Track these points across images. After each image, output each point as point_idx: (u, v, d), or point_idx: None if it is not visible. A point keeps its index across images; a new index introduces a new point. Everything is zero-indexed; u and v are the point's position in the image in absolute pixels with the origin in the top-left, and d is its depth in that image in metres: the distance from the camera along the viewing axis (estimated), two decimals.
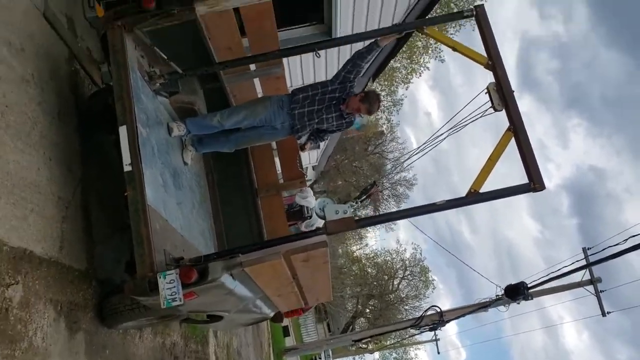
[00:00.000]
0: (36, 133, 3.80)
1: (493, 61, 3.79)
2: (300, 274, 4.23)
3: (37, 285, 3.49)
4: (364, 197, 3.76)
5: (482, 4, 3.86)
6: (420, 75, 26.26)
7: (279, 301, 5.04)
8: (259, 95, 5.49)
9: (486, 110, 3.74)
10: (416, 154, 4.31)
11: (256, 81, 5.35)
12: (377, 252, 40.28)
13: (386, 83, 25.16)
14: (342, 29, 5.90)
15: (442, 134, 4.26)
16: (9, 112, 3.47)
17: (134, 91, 3.89)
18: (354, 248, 41.19)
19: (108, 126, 4.59)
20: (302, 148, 5.60)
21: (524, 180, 3.50)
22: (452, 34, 23.20)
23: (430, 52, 25.10)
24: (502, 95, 3.70)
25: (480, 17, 3.91)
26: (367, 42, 4.35)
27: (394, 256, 38.23)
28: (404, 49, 24.40)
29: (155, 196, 3.87)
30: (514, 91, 3.68)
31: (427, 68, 25.97)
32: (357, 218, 3.55)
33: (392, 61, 23.85)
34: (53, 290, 3.69)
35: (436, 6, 6.17)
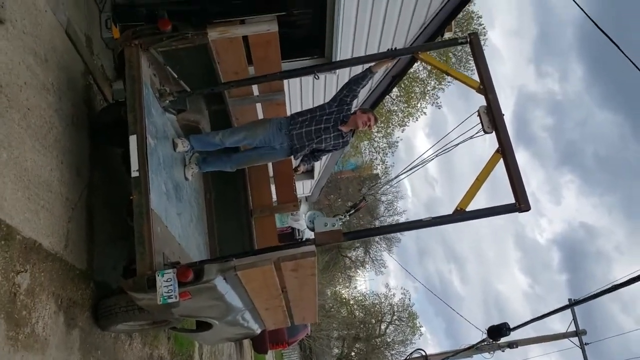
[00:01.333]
0: (51, 137, 4.08)
1: (484, 85, 3.96)
2: (288, 286, 4.45)
3: (42, 277, 3.71)
4: (353, 210, 4.02)
5: (476, 32, 4.16)
6: (417, 120, 26.80)
7: (266, 316, 5.23)
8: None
9: (476, 132, 3.90)
10: (405, 172, 4.46)
11: (258, 106, 5.66)
12: (366, 295, 40.08)
13: (382, 125, 25.64)
14: None
15: (431, 154, 4.36)
16: (30, 115, 3.76)
17: (145, 104, 4.20)
18: (343, 291, 40.99)
19: (116, 139, 4.89)
20: (296, 169, 5.84)
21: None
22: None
23: (427, 97, 25.68)
24: (492, 118, 3.85)
25: (474, 44, 4.12)
26: (365, 66, 4.66)
27: (382, 300, 38.07)
28: (401, 93, 25.06)
29: (158, 202, 4.14)
30: (503, 115, 3.82)
31: (424, 113, 26.53)
32: (345, 231, 3.79)
33: (389, 104, 24.50)
34: (55, 285, 3.91)
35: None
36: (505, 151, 3.73)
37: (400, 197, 37.22)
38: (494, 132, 3.83)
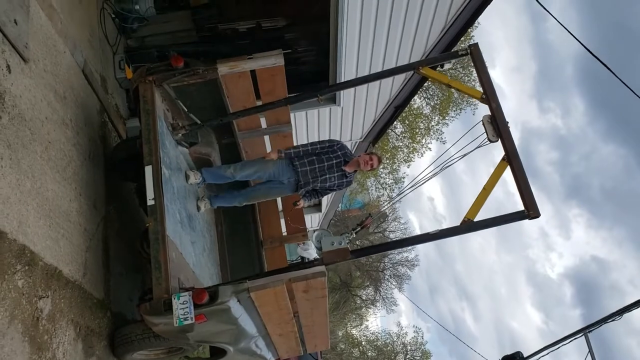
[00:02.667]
0: (70, 169, 4.27)
1: (487, 94, 3.95)
2: (300, 309, 4.54)
3: (62, 304, 3.83)
4: (359, 228, 4.13)
5: (477, 43, 4.13)
6: (422, 156, 27.03)
7: (279, 342, 5.30)
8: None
9: (483, 141, 3.83)
10: (410, 188, 4.49)
11: (266, 139, 5.85)
12: (378, 334, 39.54)
13: (388, 161, 25.87)
14: (345, 96, 6.54)
15: (434, 169, 4.33)
16: (51, 148, 3.95)
17: (159, 137, 4.39)
18: (354, 331, 40.45)
19: (130, 174, 5.08)
20: (295, 204, 5.96)
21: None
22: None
23: (431, 133, 25.97)
24: (496, 126, 3.81)
25: (474, 55, 4.18)
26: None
27: (394, 339, 37.52)
28: (405, 129, 25.38)
29: (173, 229, 4.28)
30: (508, 122, 3.78)
31: (429, 149, 26.77)
32: (351, 249, 3.90)
33: (394, 140, 24.74)
34: (74, 312, 4.02)
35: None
36: (511, 158, 3.68)
37: (410, 233, 37.06)
38: (499, 140, 3.79)
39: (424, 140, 26.26)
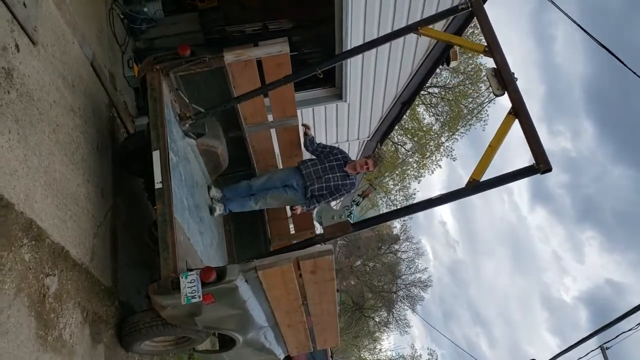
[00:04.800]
0: (78, 155, 4.29)
1: (490, 47, 3.78)
2: (308, 293, 4.49)
3: (69, 285, 3.82)
4: (361, 199, 4.10)
5: None
6: (432, 173, 26.98)
7: (289, 335, 5.23)
8: (275, 148, 6.05)
9: (488, 96, 3.75)
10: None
11: (273, 132, 5.87)
12: (392, 357, 38.99)
13: (398, 178, 25.85)
14: (351, 91, 6.56)
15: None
16: (59, 130, 3.99)
17: (167, 123, 4.41)
18: (368, 355, 39.93)
19: (138, 168, 5.10)
20: (293, 209, 6.26)
21: None
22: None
23: (441, 150, 25.96)
24: (501, 79, 3.63)
25: (476, 8, 4.01)
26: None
27: None
28: (415, 146, 25.37)
29: (181, 214, 4.28)
30: (513, 73, 3.61)
31: (439, 166, 26.74)
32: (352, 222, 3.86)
33: (403, 156, 24.70)
34: (82, 296, 4.00)
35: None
36: (518, 111, 3.46)
37: (421, 254, 36.81)
38: (505, 93, 3.61)
39: (433, 157, 26.28)
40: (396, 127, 25.23)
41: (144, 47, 6.68)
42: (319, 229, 4.57)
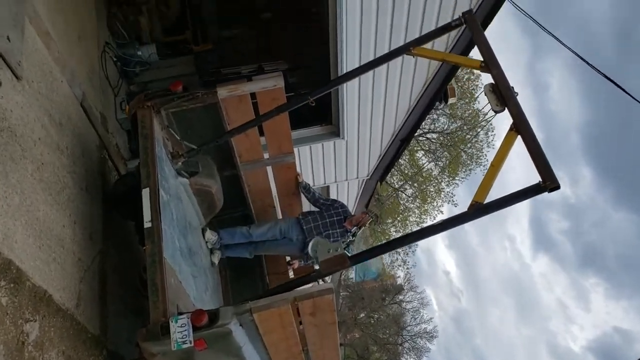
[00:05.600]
0: (65, 195, 4.10)
1: (487, 62, 3.60)
2: (309, 338, 4.21)
3: (52, 332, 3.55)
4: (359, 230, 3.87)
5: (471, 10, 3.91)
6: (434, 219, 26.74)
7: None
8: (272, 187, 5.89)
9: (486, 114, 3.52)
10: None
11: (269, 169, 5.70)
12: None
13: (399, 224, 25.61)
14: (349, 128, 6.44)
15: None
16: (43, 169, 3.80)
17: (158, 161, 4.24)
18: None
19: (129, 211, 4.91)
20: (289, 263, 6.35)
21: None
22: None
23: (442, 195, 25.83)
24: (499, 94, 3.43)
25: (470, 23, 3.85)
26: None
27: None
28: (416, 192, 25.27)
29: (172, 255, 4.04)
30: (512, 87, 3.41)
31: (441, 212, 26.57)
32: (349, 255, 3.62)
33: (405, 202, 24.53)
34: (66, 344, 3.73)
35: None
36: (520, 126, 3.23)
37: (426, 304, 36.20)
38: (505, 109, 3.40)
39: (435, 203, 26.15)
40: (396, 174, 25.31)
41: (137, 90, 6.58)
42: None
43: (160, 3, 7.14)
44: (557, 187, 2.92)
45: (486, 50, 3.64)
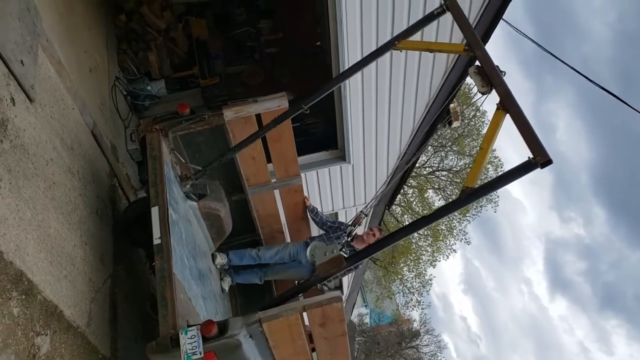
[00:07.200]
0: (76, 216, 4.17)
1: (470, 44, 3.59)
2: (319, 351, 4.18)
3: (62, 349, 3.57)
4: (354, 228, 3.86)
5: None
6: (447, 258, 26.50)
7: None
8: (280, 211, 5.94)
9: (475, 94, 3.39)
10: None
11: (276, 193, 5.76)
12: None
13: (412, 264, 25.38)
14: (354, 152, 6.52)
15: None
16: (55, 188, 3.89)
17: (166, 181, 4.33)
18: None
19: (139, 237, 4.96)
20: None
21: None
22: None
23: (454, 233, 25.65)
24: (484, 75, 3.40)
25: (452, 9, 3.87)
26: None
27: None
28: (428, 232, 25.10)
29: (181, 271, 4.08)
30: (497, 66, 3.37)
31: (454, 250, 26.35)
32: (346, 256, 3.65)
33: (417, 241, 24.37)
34: None
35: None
36: (507, 104, 3.17)
37: (443, 347, 35.47)
38: (491, 88, 3.35)
39: (447, 241, 25.96)
40: (407, 213, 25.25)
41: None
42: None
43: (168, 40, 7.38)
44: (549, 161, 2.83)
45: (469, 33, 3.67)
